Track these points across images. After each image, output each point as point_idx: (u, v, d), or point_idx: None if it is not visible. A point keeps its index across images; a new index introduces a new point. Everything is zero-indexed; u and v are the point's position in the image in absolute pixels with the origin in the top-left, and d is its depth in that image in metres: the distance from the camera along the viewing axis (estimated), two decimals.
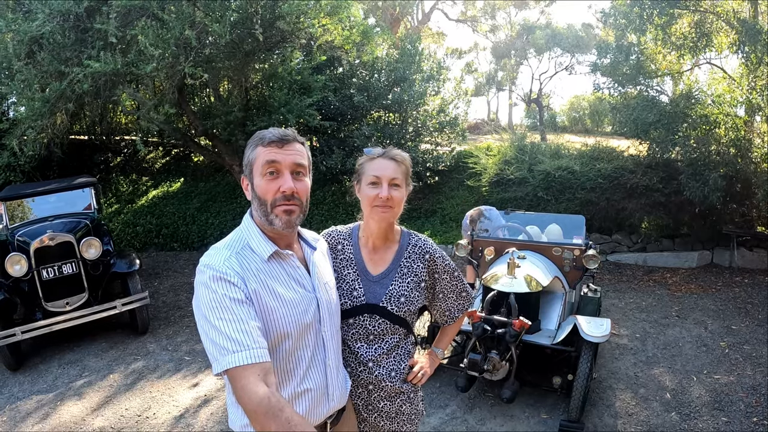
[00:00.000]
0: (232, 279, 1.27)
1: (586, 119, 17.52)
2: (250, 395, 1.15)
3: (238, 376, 1.17)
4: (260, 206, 1.38)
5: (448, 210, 9.03)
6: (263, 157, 1.37)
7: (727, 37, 5.95)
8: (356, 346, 1.63)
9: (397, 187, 1.59)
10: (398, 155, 1.61)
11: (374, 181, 1.58)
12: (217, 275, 1.26)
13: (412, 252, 1.69)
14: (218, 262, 1.29)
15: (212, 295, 1.24)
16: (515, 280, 3.65)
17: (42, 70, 5.49)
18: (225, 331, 1.19)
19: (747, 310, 5.23)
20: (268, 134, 1.39)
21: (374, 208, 1.58)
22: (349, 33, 7.45)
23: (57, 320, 4.60)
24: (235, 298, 1.24)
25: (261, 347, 1.21)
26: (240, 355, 1.17)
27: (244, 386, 1.16)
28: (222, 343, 1.19)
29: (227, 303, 1.23)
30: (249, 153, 1.41)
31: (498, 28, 19.49)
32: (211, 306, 1.23)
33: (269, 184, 1.36)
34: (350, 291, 1.63)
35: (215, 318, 1.21)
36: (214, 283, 1.25)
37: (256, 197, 1.39)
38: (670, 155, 6.46)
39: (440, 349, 1.91)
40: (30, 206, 5.53)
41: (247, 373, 1.16)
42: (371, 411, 1.67)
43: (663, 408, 3.57)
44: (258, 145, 1.39)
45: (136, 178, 10.82)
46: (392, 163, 1.59)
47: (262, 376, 1.17)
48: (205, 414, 3.78)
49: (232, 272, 1.28)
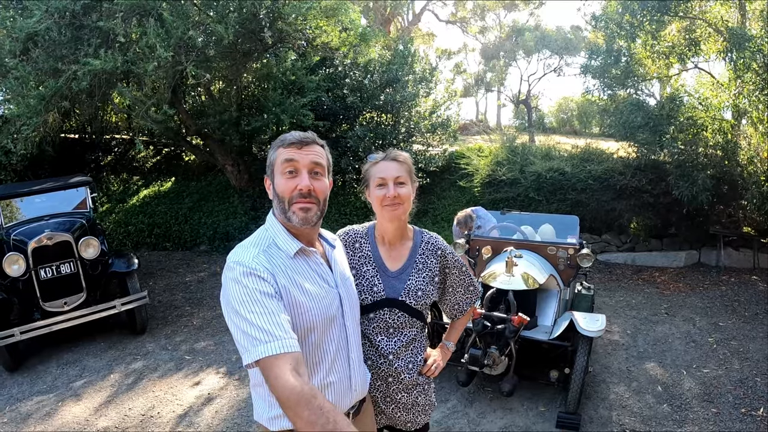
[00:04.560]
0: (263, 274, 1.31)
1: (575, 121, 17.78)
2: (283, 384, 1.17)
3: (271, 365, 1.20)
4: (279, 203, 1.45)
5: (440, 210, 9.13)
6: (283, 157, 1.43)
7: (716, 43, 6.13)
8: (377, 339, 1.70)
9: (403, 184, 1.67)
10: (399, 155, 1.71)
11: (380, 183, 1.67)
12: (248, 271, 1.31)
13: (426, 249, 1.77)
14: (248, 258, 1.34)
15: (243, 290, 1.28)
16: (513, 278, 3.75)
17: (37, 67, 5.45)
18: (256, 322, 1.23)
19: (734, 308, 5.40)
20: (289, 136, 1.46)
21: (384, 208, 1.67)
22: (347, 35, 7.50)
23: (56, 320, 4.58)
24: (266, 292, 1.29)
25: (292, 338, 1.25)
26: (272, 345, 1.21)
27: (277, 375, 1.18)
28: (254, 333, 1.22)
29: (258, 296, 1.27)
30: (271, 154, 1.48)
31: (487, 29, 19.69)
32: (242, 300, 1.27)
33: (288, 182, 1.43)
34: (370, 287, 1.70)
35: (246, 311, 1.25)
36: (245, 278, 1.30)
37: (276, 195, 1.45)
38: (658, 157, 6.63)
39: (451, 342, 1.99)
40: (24, 205, 5.48)
41: (279, 362, 1.19)
42: (389, 403, 1.74)
43: (655, 400, 3.70)
44: (279, 147, 1.46)
45: (127, 177, 10.72)
46: (394, 164, 1.68)
47: (294, 365, 1.20)
48: (210, 412, 3.81)
49: (262, 268, 1.33)
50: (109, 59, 4.91)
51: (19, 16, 5.07)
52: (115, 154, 11.01)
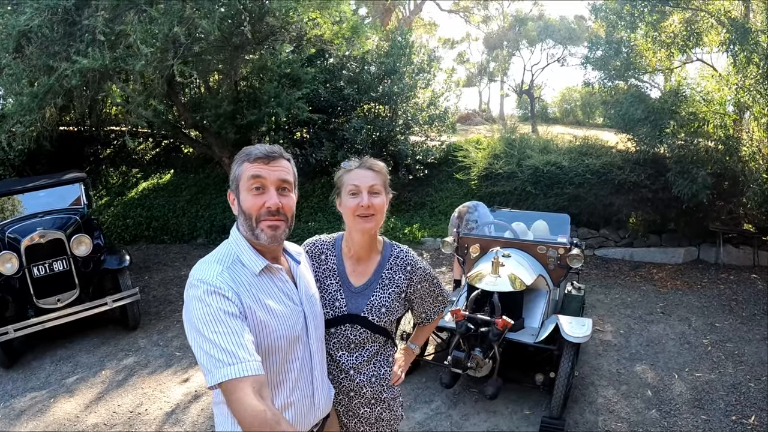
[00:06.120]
0: (227, 293, 1.28)
1: (578, 111, 17.53)
2: (246, 408, 1.14)
3: (234, 388, 1.16)
4: (246, 221, 1.41)
5: (437, 203, 9.08)
6: (249, 173, 1.39)
7: (718, 35, 5.97)
8: (338, 354, 1.68)
9: (377, 194, 1.60)
10: (375, 164, 1.64)
11: (354, 191, 1.59)
12: (212, 289, 1.27)
13: (394, 263, 1.72)
14: (211, 276, 1.31)
15: (206, 309, 1.24)
16: (499, 278, 3.71)
17: (30, 64, 5.44)
18: (220, 343, 1.20)
19: (731, 308, 5.32)
20: (255, 150, 1.41)
21: (356, 218, 1.60)
22: (339, 28, 7.40)
23: (49, 317, 4.63)
24: (230, 311, 1.26)
25: (255, 360, 1.21)
26: (235, 367, 1.17)
27: (239, 398, 1.15)
28: (217, 355, 1.19)
29: (221, 316, 1.24)
30: (236, 168, 1.43)
31: (490, 19, 19.39)
32: (206, 320, 1.23)
33: (255, 199, 1.39)
34: (332, 301, 1.67)
35: (210, 331, 1.22)
36: (209, 296, 1.26)
37: (242, 212, 1.41)
38: (658, 151, 6.51)
39: (416, 345, 2.01)
40: (19, 202, 5.51)
41: (242, 385, 1.16)
42: (351, 417, 1.72)
43: (644, 405, 3.66)
44: (244, 161, 1.41)
45: (126, 170, 10.77)
46: (370, 172, 1.61)
47: (257, 389, 1.18)
48: (196, 410, 3.84)
49: (226, 286, 1.30)
50: (97, 57, 4.88)
51: (10, 15, 5.03)
52: (114, 146, 11.03)
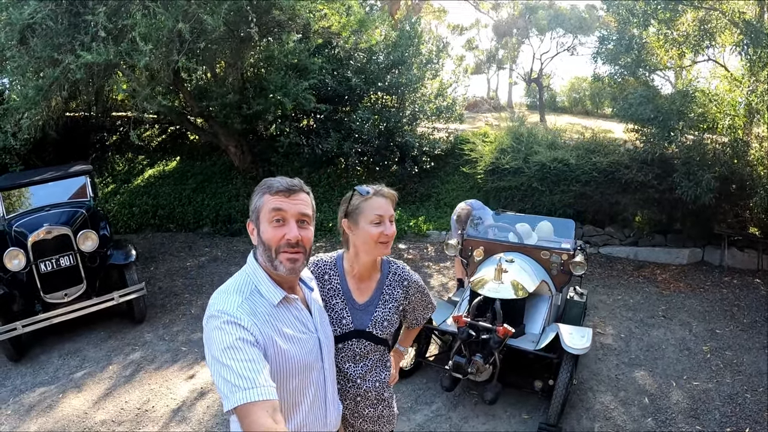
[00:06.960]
0: (246, 324, 1.34)
1: (587, 101, 17.32)
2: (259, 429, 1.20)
3: (248, 412, 1.22)
4: (265, 251, 1.45)
5: (443, 195, 9.07)
6: (270, 205, 1.43)
7: (732, 35, 5.84)
8: (345, 366, 1.81)
9: (393, 222, 1.75)
10: (389, 193, 1.75)
11: (377, 221, 1.69)
12: (232, 320, 1.33)
13: (393, 280, 1.86)
14: (231, 307, 1.36)
15: (226, 337, 1.30)
16: (502, 285, 3.73)
17: (35, 56, 5.42)
18: (236, 369, 1.25)
19: (733, 313, 5.32)
20: (276, 183, 1.46)
21: (378, 245, 1.71)
22: (347, 20, 7.31)
23: (56, 313, 4.69)
24: (248, 340, 1.32)
25: (270, 386, 1.27)
26: (251, 392, 1.22)
27: (253, 422, 1.20)
28: (233, 380, 1.24)
29: (240, 344, 1.29)
30: (256, 200, 1.47)
31: (500, 6, 19.00)
32: (224, 347, 1.29)
33: (275, 231, 1.43)
34: (339, 319, 1.78)
35: (227, 358, 1.27)
36: (228, 326, 1.32)
37: (262, 243, 1.46)
38: (665, 152, 6.44)
39: (404, 348, 2.18)
40: (26, 195, 5.56)
41: (256, 409, 1.21)
42: (357, 417, 1.87)
43: (640, 413, 3.71)
44: (266, 193, 1.45)
45: (132, 156, 10.78)
46: (388, 201, 1.73)
47: (270, 413, 1.23)
48: (202, 407, 3.92)
49: (246, 318, 1.35)
50: (101, 52, 4.85)
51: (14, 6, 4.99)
52: (120, 133, 11.03)
